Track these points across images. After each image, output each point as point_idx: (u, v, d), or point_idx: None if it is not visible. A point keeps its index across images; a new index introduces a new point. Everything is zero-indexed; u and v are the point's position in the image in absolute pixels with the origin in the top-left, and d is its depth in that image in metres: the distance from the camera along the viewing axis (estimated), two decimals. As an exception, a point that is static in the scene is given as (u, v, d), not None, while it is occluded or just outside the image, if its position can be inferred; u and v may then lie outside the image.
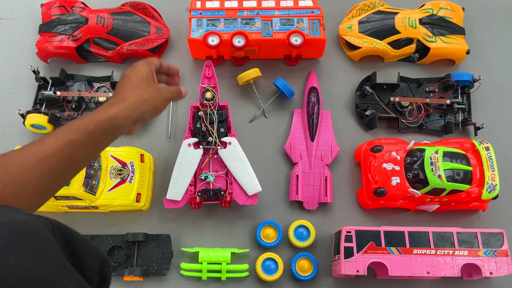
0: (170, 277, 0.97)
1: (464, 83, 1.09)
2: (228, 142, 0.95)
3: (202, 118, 0.97)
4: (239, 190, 0.94)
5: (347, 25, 1.16)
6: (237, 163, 0.94)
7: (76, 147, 0.57)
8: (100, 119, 0.61)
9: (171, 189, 0.92)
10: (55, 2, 1.14)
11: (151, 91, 0.69)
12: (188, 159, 0.94)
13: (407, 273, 0.89)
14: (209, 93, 0.97)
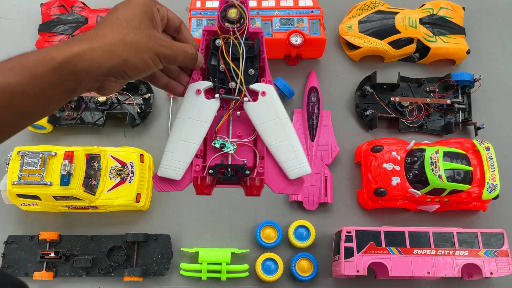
0: (170, 278, 0.97)
1: (464, 83, 1.08)
2: (261, 92, 0.58)
3: (222, 50, 0.59)
4: (275, 170, 0.60)
5: (347, 24, 1.15)
6: (274, 125, 0.59)
7: (15, 95, 0.41)
8: (55, 58, 0.43)
9: (166, 161, 0.58)
10: (55, 2, 1.13)
11: (142, 34, 0.47)
12: (196, 114, 0.58)
13: (408, 273, 0.88)
14: (233, 10, 0.59)
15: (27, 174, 0.89)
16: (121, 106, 1.08)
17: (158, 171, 0.58)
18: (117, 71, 0.46)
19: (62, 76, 0.43)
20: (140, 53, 0.47)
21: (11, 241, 0.97)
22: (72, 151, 0.92)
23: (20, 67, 0.42)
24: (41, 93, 0.43)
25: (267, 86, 0.59)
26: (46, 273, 0.93)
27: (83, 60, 0.44)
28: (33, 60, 0.42)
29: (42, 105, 0.44)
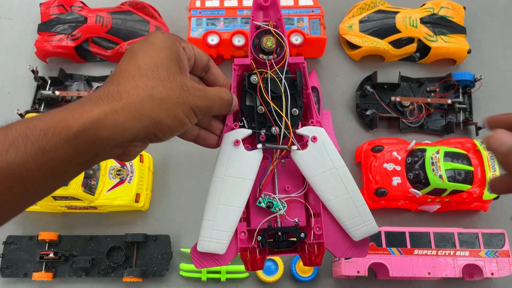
0: (169, 278, 0.96)
1: (465, 83, 1.08)
2: (311, 137, 0.49)
3: (259, 88, 0.49)
4: (334, 229, 0.50)
5: (348, 24, 1.15)
6: (329, 177, 0.49)
7: (18, 177, 0.33)
8: (69, 127, 0.34)
9: (207, 232, 0.47)
10: (54, 1, 1.13)
11: (172, 86, 0.38)
12: (237, 170, 0.48)
13: (408, 273, 0.88)
14: (270, 38, 0.49)
15: (26, 174, 0.89)
16: (121, 106, 1.08)
17: (198, 245, 0.47)
18: (145, 135, 0.37)
19: (78, 148, 0.34)
20: (173, 109, 0.38)
21: (10, 242, 0.96)
22: (71, 151, 0.92)
23: (24, 139, 0.33)
24: (51, 171, 0.34)
25: (318, 130, 0.49)
26: (45, 273, 0.93)
27: (104, 126, 0.35)
28: (40, 130, 0.33)
29: (51, 183, 0.36)
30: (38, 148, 0.33)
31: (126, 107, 0.36)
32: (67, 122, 0.34)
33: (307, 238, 0.49)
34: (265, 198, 0.49)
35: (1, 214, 0.34)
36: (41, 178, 0.34)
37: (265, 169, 0.49)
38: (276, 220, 0.49)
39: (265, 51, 0.49)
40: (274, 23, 0.52)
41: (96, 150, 0.35)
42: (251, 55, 0.50)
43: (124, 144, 0.37)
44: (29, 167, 0.33)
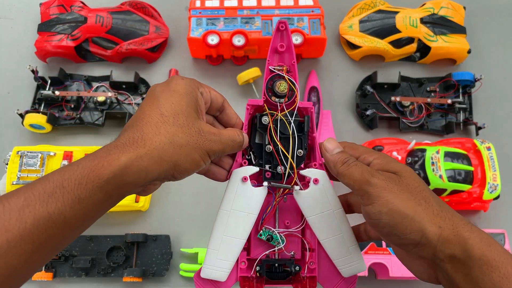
0: (169, 278, 0.96)
1: (465, 83, 1.08)
2: (313, 180, 0.52)
3: (270, 129, 0.52)
4: (326, 265, 0.54)
5: (348, 24, 1.15)
6: (327, 218, 0.52)
7: (57, 225, 0.36)
8: (100, 175, 0.38)
9: (211, 261, 0.52)
10: (54, 1, 1.13)
11: (191, 132, 0.42)
12: (243, 205, 0.52)
13: (408, 274, 0.88)
14: (283, 83, 0.52)
15: (26, 174, 0.89)
16: (121, 106, 1.08)
17: (202, 272, 0.52)
18: (165, 176, 0.42)
19: (108, 193, 0.39)
20: (191, 154, 0.42)
21: (10, 242, 0.96)
22: (71, 151, 0.92)
23: (61, 190, 0.37)
24: (85, 216, 0.38)
25: (320, 173, 0.52)
26: (45, 273, 0.93)
27: (130, 172, 0.39)
28: (75, 181, 0.37)
29: (84, 226, 0.40)
30: (74, 197, 0.37)
31: (149, 153, 0.40)
32: (98, 171, 0.38)
33: (301, 271, 0.53)
34: (266, 231, 0.53)
35: (43, 261, 0.38)
36: (77, 223, 0.38)
37: (268, 203, 0.53)
38: (274, 252, 0.54)
39: (277, 95, 0.53)
40: (288, 68, 0.55)
41: (123, 192, 0.40)
42: (264, 96, 0.53)
43: (146, 184, 0.42)
44: (67, 215, 0.37)
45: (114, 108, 1.08)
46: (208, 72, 1.14)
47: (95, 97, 1.06)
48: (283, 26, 0.54)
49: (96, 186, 0.38)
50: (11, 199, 0.36)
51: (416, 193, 0.43)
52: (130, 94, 1.08)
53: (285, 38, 0.55)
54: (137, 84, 1.09)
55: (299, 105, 0.53)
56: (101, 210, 0.40)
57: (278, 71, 0.53)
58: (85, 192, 0.37)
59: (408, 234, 0.41)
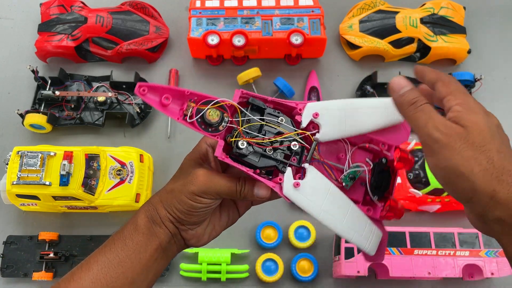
0: (169, 278, 0.96)
1: (465, 83, 1.08)
2: (313, 114, 0.50)
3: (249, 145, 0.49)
4: None
5: (348, 24, 1.15)
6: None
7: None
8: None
9: (363, 242, 0.51)
10: (54, 1, 1.13)
11: (182, 178, 0.50)
12: (319, 196, 0.49)
13: (408, 273, 0.88)
14: (213, 110, 0.49)
15: (26, 174, 0.89)
16: (121, 106, 1.08)
17: (373, 253, 0.51)
18: (173, 219, 0.50)
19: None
20: (177, 196, 0.49)
21: (10, 242, 0.96)
22: (71, 151, 0.92)
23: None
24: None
25: (309, 106, 0.50)
26: (46, 273, 0.93)
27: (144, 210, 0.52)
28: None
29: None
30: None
31: (150, 199, 0.53)
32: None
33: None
34: (344, 178, 0.51)
35: None
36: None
37: (321, 168, 0.51)
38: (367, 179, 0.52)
39: (209, 123, 0.48)
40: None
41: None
42: (217, 136, 0.48)
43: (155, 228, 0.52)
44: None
45: (114, 108, 1.08)
46: (208, 72, 1.14)
47: (95, 97, 1.06)
48: (144, 90, 0.46)
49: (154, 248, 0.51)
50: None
51: (480, 152, 0.41)
52: (130, 94, 1.08)
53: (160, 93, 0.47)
54: (137, 84, 1.09)
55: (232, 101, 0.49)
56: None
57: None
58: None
59: (460, 192, 0.42)
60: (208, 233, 0.53)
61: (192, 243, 0.52)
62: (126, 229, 0.49)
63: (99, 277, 0.46)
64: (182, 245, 0.52)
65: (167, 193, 0.50)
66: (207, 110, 0.47)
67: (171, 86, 0.47)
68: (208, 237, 0.53)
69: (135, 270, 0.48)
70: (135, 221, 0.49)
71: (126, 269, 0.47)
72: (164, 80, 1.13)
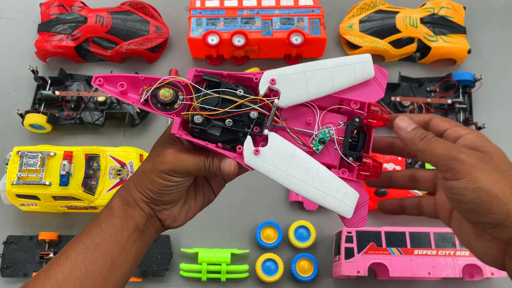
0: (169, 278, 0.96)
1: (465, 83, 1.08)
2: (270, 80, 0.49)
3: (211, 115, 0.48)
4: None
5: (348, 24, 1.15)
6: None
7: None
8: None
9: (339, 200, 0.48)
10: (54, 1, 1.13)
11: (152, 158, 0.49)
12: (283, 160, 0.48)
13: (408, 273, 0.88)
14: (166, 89, 0.48)
15: (26, 174, 0.89)
16: (121, 106, 1.08)
17: (350, 215, 0.49)
18: (147, 198, 0.50)
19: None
20: (149, 176, 0.48)
21: (10, 242, 0.96)
22: (71, 151, 0.92)
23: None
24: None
25: (266, 74, 0.48)
26: (45, 273, 0.93)
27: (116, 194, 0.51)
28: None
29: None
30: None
31: (127, 179, 0.53)
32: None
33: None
34: (314, 142, 0.50)
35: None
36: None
37: (287, 135, 0.49)
38: (336, 141, 0.50)
39: (164, 103, 0.48)
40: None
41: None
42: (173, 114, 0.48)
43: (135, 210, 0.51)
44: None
45: (114, 108, 1.08)
46: (208, 72, 1.14)
47: (95, 97, 1.06)
48: (100, 80, 0.48)
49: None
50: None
51: (507, 175, 0.42)
52: (130, 94, 1.08)
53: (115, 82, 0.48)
54: (137, 84, 1.09)
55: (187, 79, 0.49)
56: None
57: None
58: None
59: (493, 213, 0.41)
60: (184, 213, 0.53)
61: (168, 224, 0.53)
62: (101, 215, 0.49)
63: (77, 262, 0.46)
64: (159, 227, 0.52)
65: (138, 175, 0.50)
66: (159, 90, 0.47)
67: (125, 74, 0.48)
68: (185, 218, 0.54)
69: (113, 253, 0.48)
70: (110, 206, 0.49)
71: (104, 252, 0.47)
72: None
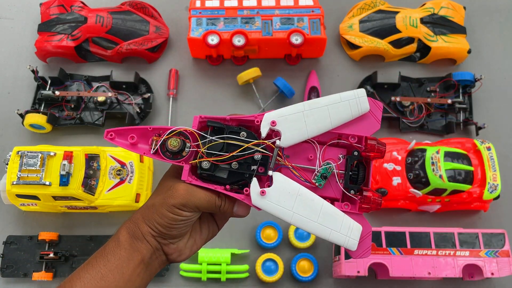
0: (169, 278, 0.96)
1: (465, 83, 1.08)
2: (271, 122, 0.52)
3: (215, 161, 0.50)
4: None
5: (348, 24, 1.15)
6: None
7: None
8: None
9: (348, 236, 0.50)
10: (54, 1, 1.13)
11: (161, 192, 0.50)
12: (288, 198, 0.50)
13: (408, 273, 0.88)
14: (174, 139, 0.50)
15: (26, 174, 0.89)
16: (121, 106, 1.08)
17: (354, 247, 0.50)
18: (155, 233, 0.50)
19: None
20: (158, 210, 0.48)
21: (10, 242, 0.96)
22: (71, 151, 0.92)
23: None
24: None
25: (266, 116, 0.51)
26: (45, 273, 0.93)
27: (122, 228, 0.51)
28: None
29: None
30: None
31: (134, 215, 0.52)
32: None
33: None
34: (316, 178, 0.52)
35: None
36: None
37: (290, 173, 0.52)
38: (337, 175, 0.52)
39: (173, 152, 0.50)
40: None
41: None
42: (182, 161, 0.50)
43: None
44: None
45: (114, 108, 1.08)
46: (208, 72, 1.14)
47: (95, 97, 1.06)
48: (112, 135, 0.50)
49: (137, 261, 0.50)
50: None
51: None
52: (130, 94, 1.08)
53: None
54: (137, 84, 1.09)
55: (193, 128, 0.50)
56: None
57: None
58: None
59: None
60: (190, 247, 0.53)
61: (174, 258, 0.52)
62: (108, 246, 0.49)
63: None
64: (164, 261, 0.52)
65: (147, 208, 0.50)
66: (168, 140, 0.50)
67: (134, 127, 0.50)
68: (190, 251, 0.53)
69: (118, 284, 0.47)
70: (117, 238, 0.49)
71: (109, 283, 0.47)
72: (164, 80, 1.13)
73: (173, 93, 1.10)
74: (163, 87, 1.12)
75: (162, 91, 1.12)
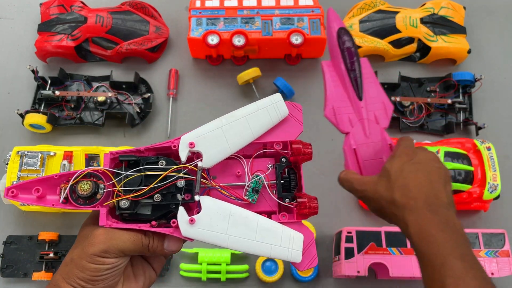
0: (169, 278, 0.96)
1: (465, 83, 1.08)
2: (189, 144, 0.50)
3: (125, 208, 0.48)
4: None
5: (348, 24, 1.15)
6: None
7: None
8: None
9: (286, 250, 0.48)
10: (54, 1, 1.13)
11: (79, 244, 0.46)
12: (221, 221, 0.47)
13: (408, 273, 0.88)
14: (86, 182, 0.48)
15: (26, 174, 0.89)
16: (121, 106, 1.08)
17: (299, 259, 0.49)
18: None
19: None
20: (80, 263, 0.44)
21: (10, 242, 0.96)
22: (71, 151, 0.92)
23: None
24: None
25: (184, 138, 0.49)
26: (45, 273, 0.93)
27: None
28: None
29: None
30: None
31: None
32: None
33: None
34: (248, 193, 0.50)
35: None
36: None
37: (220, 194, 0.50)
38: (269, 186, 0.51)
39: (85, 197, 0.47)
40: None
41: None
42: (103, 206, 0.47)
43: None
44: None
45: (114, 108, 1.08)
46: (208, 72, 1.14)
47: (95, 97, 1.06)
48: (13, 191, 0.47)
49: None
50: None
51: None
52: (130, 94, 1.08)
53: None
54: (137, 84, 1.09)
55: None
56: None
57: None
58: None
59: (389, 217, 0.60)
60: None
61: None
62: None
63: None
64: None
65: (66, 265, 0.44)
66: (78, 185, 0.46)
67: (38, 178, 0.47)
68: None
69: None
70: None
71: None
72: (164, 80, 1.13)
73: (173, 93, 1.10)
74: (163, 87, 1.12)
75: (162, 91, 1.12)
